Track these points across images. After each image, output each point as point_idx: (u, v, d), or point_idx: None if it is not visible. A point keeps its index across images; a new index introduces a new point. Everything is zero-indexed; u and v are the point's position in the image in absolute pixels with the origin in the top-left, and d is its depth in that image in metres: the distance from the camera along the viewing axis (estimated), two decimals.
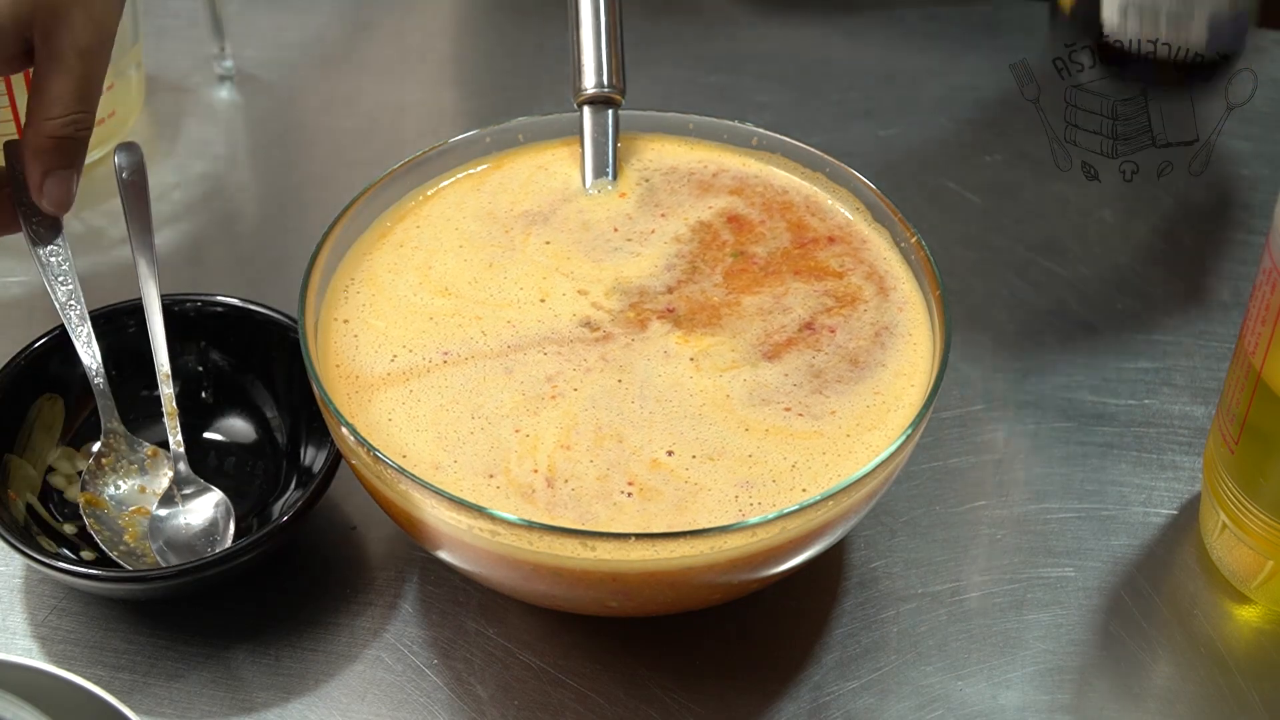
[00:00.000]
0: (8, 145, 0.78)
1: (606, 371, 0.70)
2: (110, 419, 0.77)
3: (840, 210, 0.78)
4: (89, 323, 0.77)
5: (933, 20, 1.12)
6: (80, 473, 0.77)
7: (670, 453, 0.67)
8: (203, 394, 0.80)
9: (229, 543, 0.74)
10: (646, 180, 0.80)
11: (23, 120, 0.92)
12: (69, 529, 0.75)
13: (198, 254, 0.92)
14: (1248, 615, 0.75)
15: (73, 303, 0.77)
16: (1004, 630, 0.74)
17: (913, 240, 0.74)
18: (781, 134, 0.80)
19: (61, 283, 0.77)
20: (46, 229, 0.78)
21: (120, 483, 0.77)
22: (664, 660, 0.72)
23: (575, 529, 0.63)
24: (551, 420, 0.68)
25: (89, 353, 0.76)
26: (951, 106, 1.04)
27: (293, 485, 0.76)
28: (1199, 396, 0.85)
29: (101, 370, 0.77)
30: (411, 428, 0.68)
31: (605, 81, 0.80)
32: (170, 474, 0.76)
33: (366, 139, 1.01)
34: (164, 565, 0.73)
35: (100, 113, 0.95)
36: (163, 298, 0.78)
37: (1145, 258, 0.93)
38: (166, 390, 0.76)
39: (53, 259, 0.77)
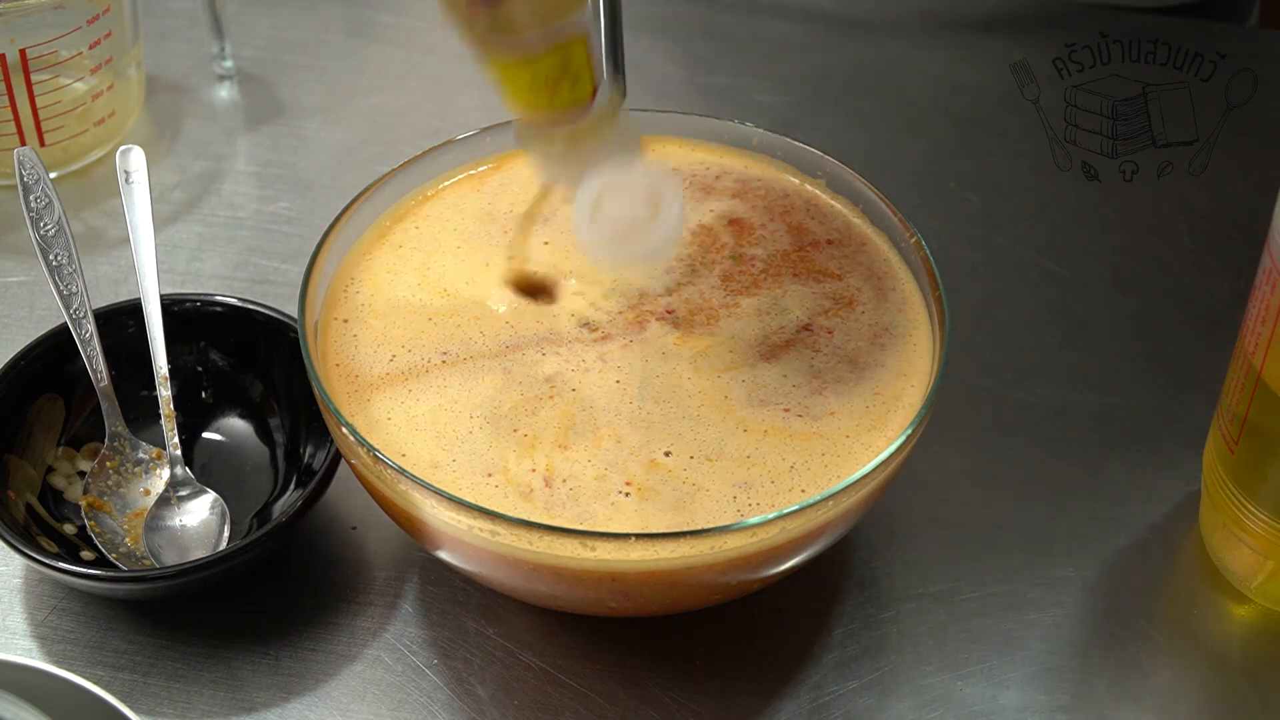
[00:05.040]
0: (19, 153, 0.78)
1: (605, 372, 0.70)
2: (115, 422, 0.77)
3: (840, 212, 0.78)
4: (95, 328, 0.77)
5: (933, 20, 1.12)
6: (81, 473, 0.77)
7: (668, 453, 0.67)
8: (202, 394, 0.80)
9: (224, 544, 0.74)
10: None
11: (23, 121, 0.92)
12: (69, 529, 0.75)
13: (198, 254, 0.92)
14: (1248, 615, 0.75)
15: (79, 307, 0.77)
16: (1004, 630, 0.74)
17: (912, 240, 0.74)
18: (782, 135, 0.80)
19: (68, 287, 0.77)
20: (53, 233, 0.78)
21: (124, 485, 0.77)
22: (664, 660, 0.72)
23: (575, 529, 0.63)
24: (550, 420, 0.68)
25: (95, 358, 0.76)
26: (951, 106, 1.04)
27: (293, 485, 0.76)
28: (1199, 396, 0.85)
29: (107, 375, 0.77)
30: (410, 427, 0.68)
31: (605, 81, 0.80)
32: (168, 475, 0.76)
33: (366, 139, 1.01)
34: (160, 566, 0.73)
35: (100, 113, 0.95)
36: (163, 298, 0.78)
37: (1145, 258, 0.93)
38: (165, 393, 0.76)
39: (60, 264, 0.78)
